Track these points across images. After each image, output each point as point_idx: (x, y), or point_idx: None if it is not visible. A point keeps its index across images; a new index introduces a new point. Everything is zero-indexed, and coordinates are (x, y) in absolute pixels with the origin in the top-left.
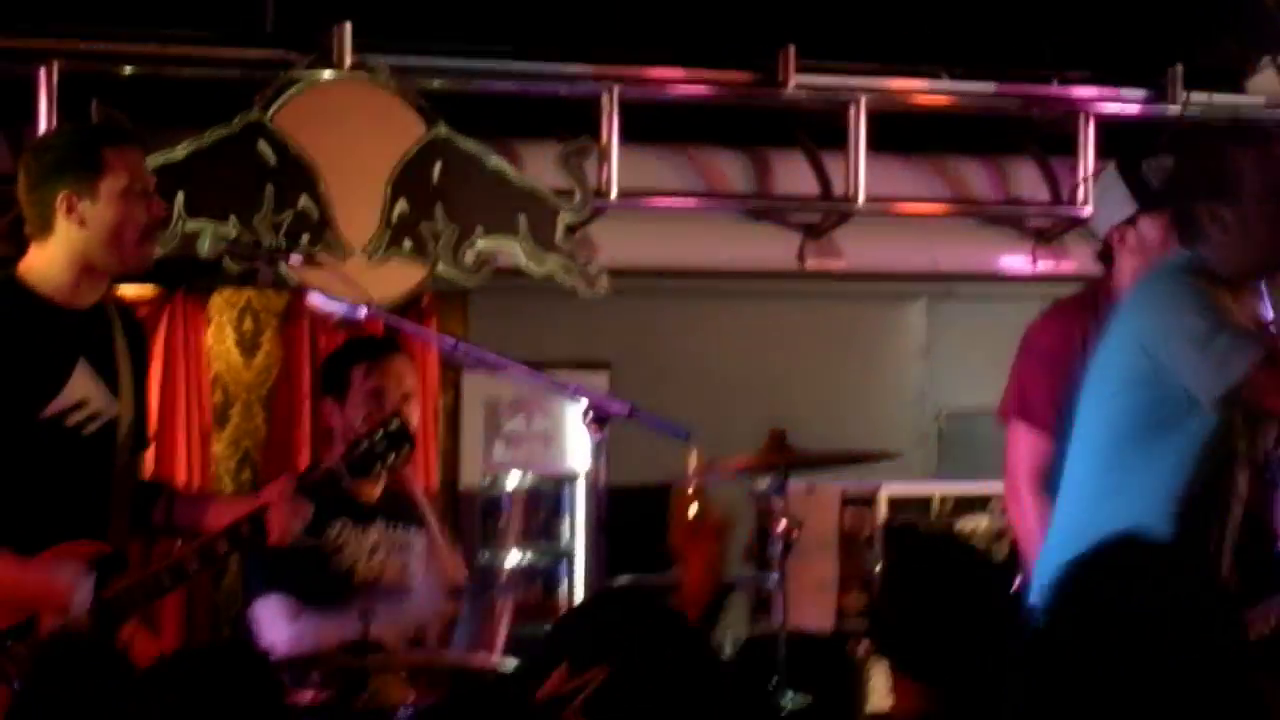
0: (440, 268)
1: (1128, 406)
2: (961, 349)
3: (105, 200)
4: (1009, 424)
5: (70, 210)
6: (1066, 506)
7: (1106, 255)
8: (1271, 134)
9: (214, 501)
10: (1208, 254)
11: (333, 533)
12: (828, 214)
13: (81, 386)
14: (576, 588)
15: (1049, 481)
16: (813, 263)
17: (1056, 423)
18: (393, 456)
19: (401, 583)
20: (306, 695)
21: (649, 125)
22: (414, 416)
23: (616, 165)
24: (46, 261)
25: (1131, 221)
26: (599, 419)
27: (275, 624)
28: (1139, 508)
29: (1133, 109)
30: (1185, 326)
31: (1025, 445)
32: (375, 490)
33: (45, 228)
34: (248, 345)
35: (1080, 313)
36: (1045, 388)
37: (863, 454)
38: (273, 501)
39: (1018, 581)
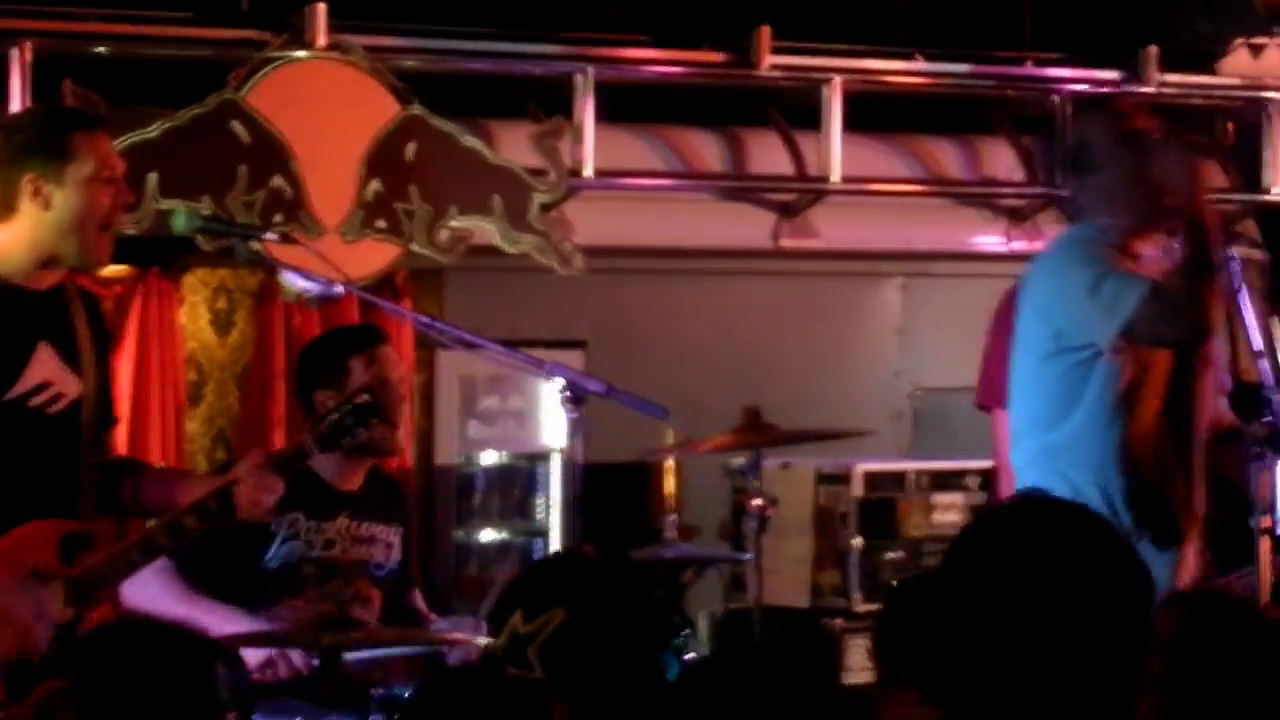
0: (414, 247)
1: (1044, 378)
2: (936, 327)
3: (71, 186)
4: (990, 413)
5: (36, 194)
6: (1020, 479)
7: None
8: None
9: (184, 479)
10: (1090, 224)
11: (282, 524)
12: (802, 193)
13: (43, 368)
14: None
15: None
16: (788, 242)
17: None
18: (360, 430)
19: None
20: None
21: (624, 105)
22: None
23: (591, 145)
24: (7, 243)
25: None
26: (575, 397)
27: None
28: (1086, 470)
29: (1106, 89)
30: (1072, 282)
31: (1004, 426)
32: (353, 481)
33: (8, 209)
34: (222, 324)
35: None
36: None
37: (837, 432)
38: (241, 477)
39: None
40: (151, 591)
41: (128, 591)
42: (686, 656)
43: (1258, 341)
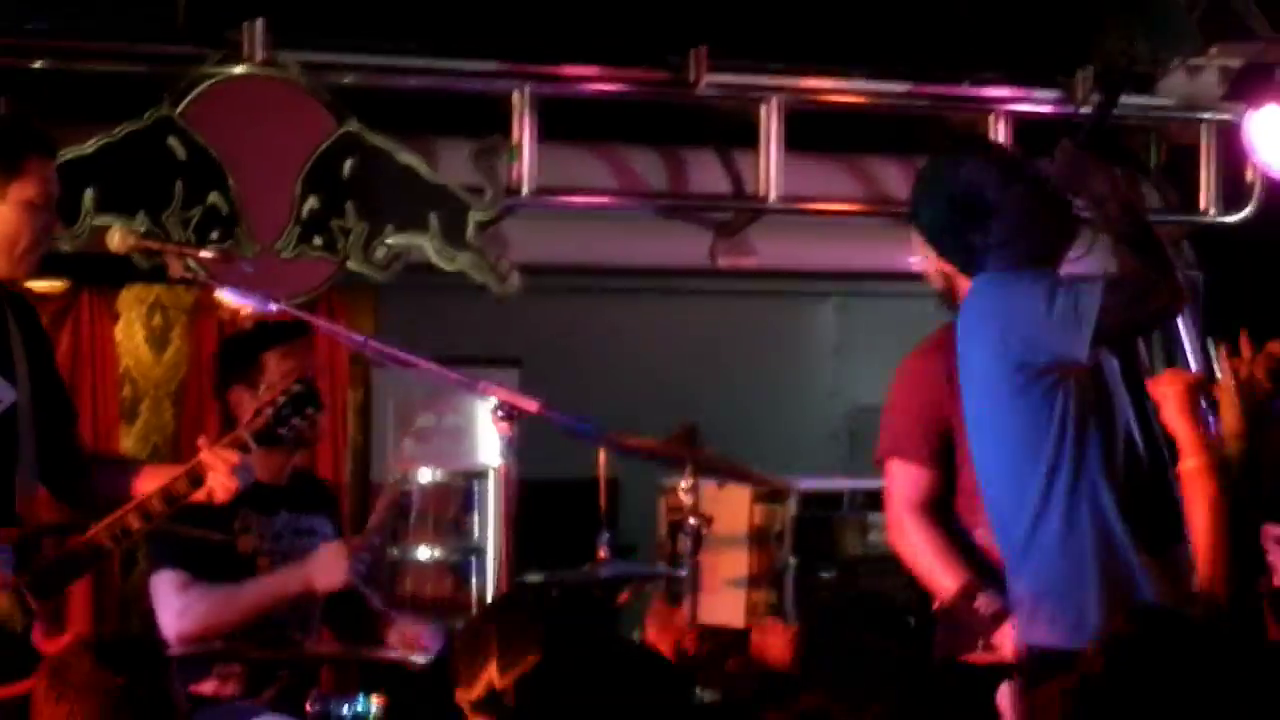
0: (350, 264)
1: (1012, 418)
2: (872, 346)
3: (11, 204)
4: (884, 467)
5: None
6: (1008, 531)
7: None
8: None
9: (138, 468)
10: (1000, 265)
11: (238, 520)
12: (740, 212)
13: None
14: (487, 583)
15: (933, 508)
16: (725, 260)
17: (931, 452)
18: (299, 420)
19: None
20: (208, 686)
21: (562, 123)
22: None
23: (529, 162)
24: None
25: None
26: (508, 415)
27: (166, 598)
28: (1076, 499)
29: (1044, 109)
30: (1022, 307)
31: (901, 478)
32: (281, 475)
33: None
34: (157, 341)
35: (945, 347)
36: (914, 420)
37: (766, 480)
38: (210, 462)
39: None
40: (200, 611)
41: (176, 624)
42: None
43: (1193, 363)
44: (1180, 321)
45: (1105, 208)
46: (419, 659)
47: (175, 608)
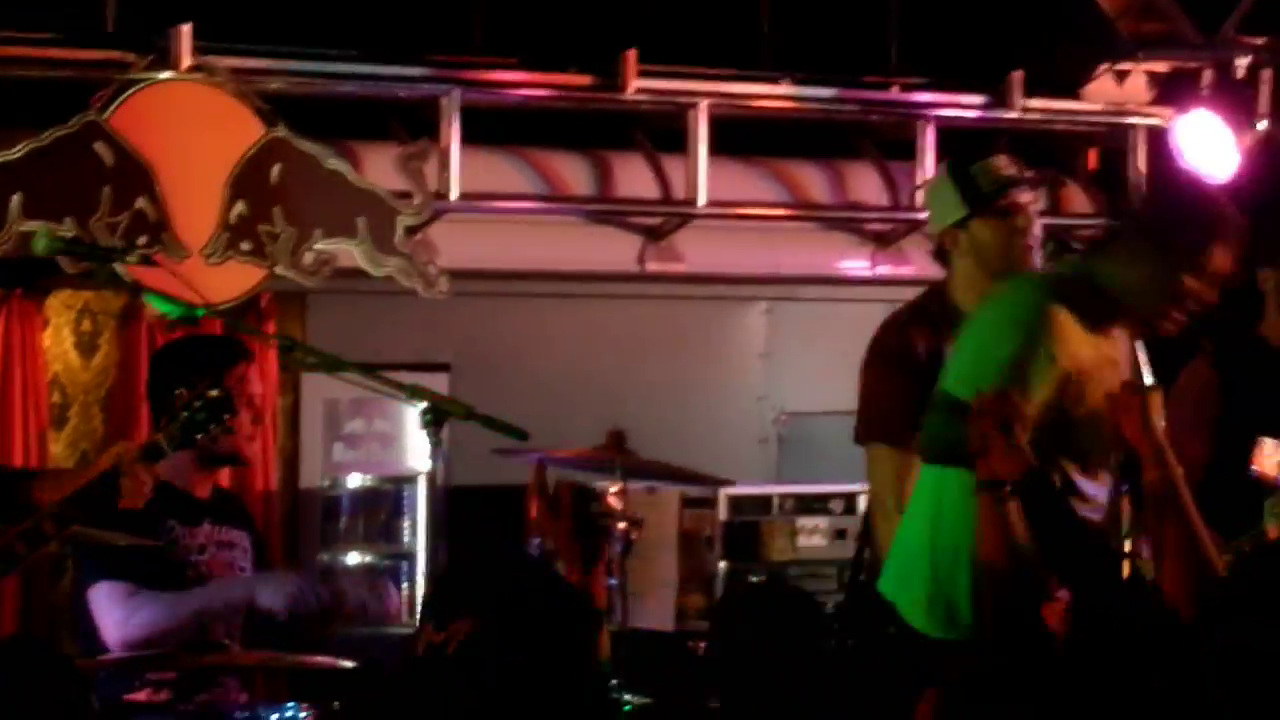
0: (279, 269)
1: None
2: (801, 351)
3: None
4: (869, 446)
5: None
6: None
7: (941, 257)
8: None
9: (43, 474)
10: (1102, 267)
11: (164, 532)
12: (668, 217)
13: None
14: (417, 588)
15: None
16: (653, 265)
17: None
18: (213, 426)
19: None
20: (141, 694)
21: (490, 128)
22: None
23: (457, 167)
24: None
25: (963, 225)
26: (436, 420)
27: (108, 608)
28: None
29: (971, 114)
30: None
31: (889, 465)
32: (205, 489)
33: None
34: (86, 346)
35: (917, 320)
36: (897, 401)
37: (699, 475)
38: (124, 467)
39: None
40: (145, 618)
41: (121, 633)
42: None
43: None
44: None
45: None
46: (348, 664)
47: (118, 616)
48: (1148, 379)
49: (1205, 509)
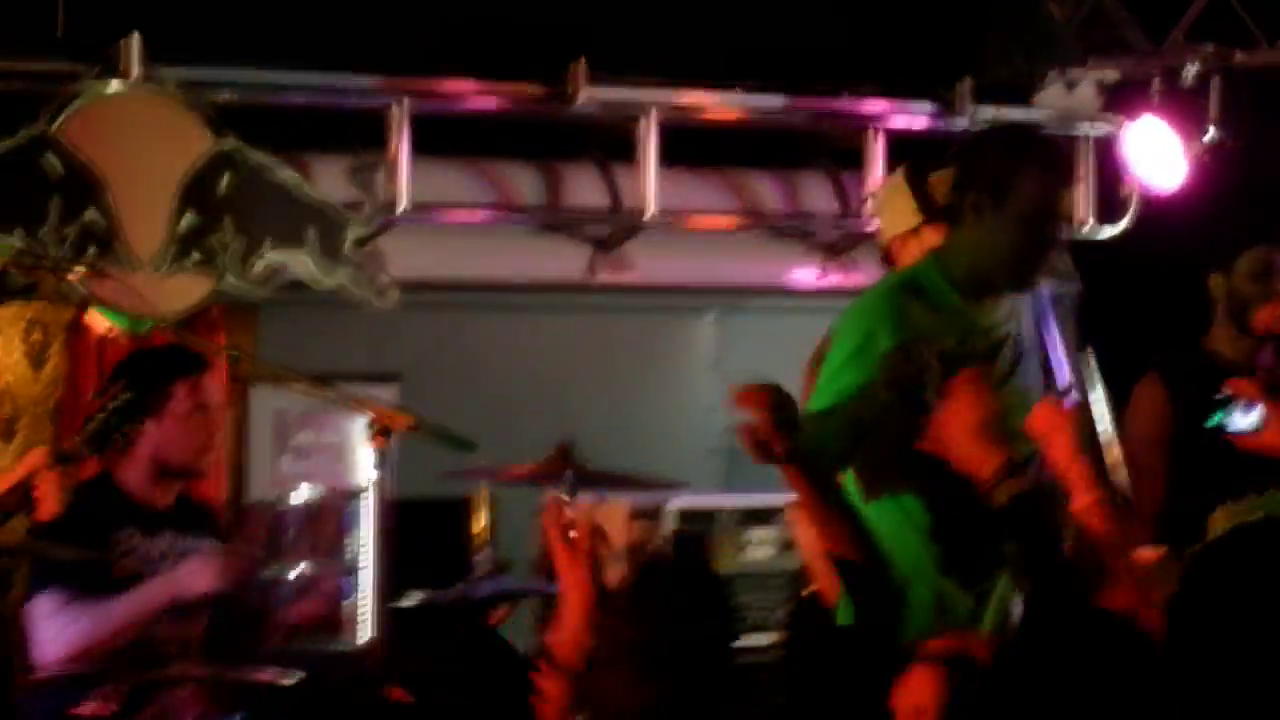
0: (228, 280)
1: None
2: (751, 362)
3: None
4: None
5: None
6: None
7: (890, 264)
8: (1058, 160)
9: None
10: (959, 239)
11: (120, 540)
12: (618, 227)
13: None
14: (364, 602)
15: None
16: (604, 276)
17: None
18: (126, 428)
19: None
20: (88, 708)
21: (440, 138)
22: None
23: (406, 178)
24: None
25: (915, 231)
26: (383, 432)
27: (45, 620)
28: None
29: (921, 123)
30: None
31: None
32: (167, 499)
33: None
34: (36, 358)
35: None
36: None
37: (649, 481)
38: (40, 474)
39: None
40: (76, 629)
41: (54, 646)
42: None
43: (1064, 378)
44: (1050, 334)
45: None
46: (289, 680)
47: (52, 629)
48: (1098, 391)
49: (1162, 523)
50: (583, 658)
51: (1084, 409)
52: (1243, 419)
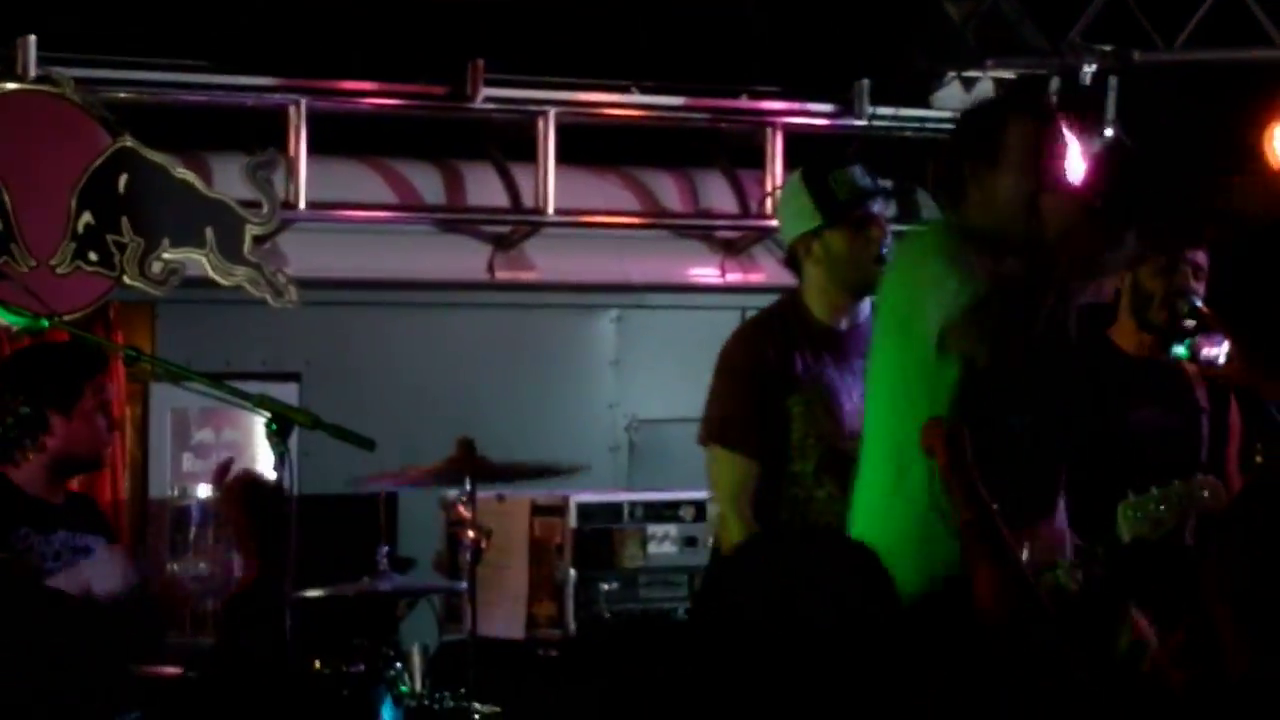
0: (127, 279)
1: (904, 394)
2: (652, 359)
3: None
4: (709, 448)
5: None
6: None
7: (793, 264)
8: (1051, 109)
9: None
10: (966, 216)
11: (16, 539)
12: (518, 226)
13: None
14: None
15: (754, 501)
16: (503, 274)
17: (756, 442)
18: (28, 441)
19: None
20: None
21: (339, 137)
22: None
23: (304, 177)
24: None
25: (817, 233)
26: (282, 430)
27: None
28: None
29: (820, 122)
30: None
31: (728, 469)
32: (59, 495)
33: None
34: None
35: (770, 329)
36: (742, 408)
37: (551, 468)
38: None
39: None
40: None
41: None
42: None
43: None
44: None
45: None
46: (192, 674)
47: None
48: None
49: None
50: None
51: None
52: (1209, 349)
